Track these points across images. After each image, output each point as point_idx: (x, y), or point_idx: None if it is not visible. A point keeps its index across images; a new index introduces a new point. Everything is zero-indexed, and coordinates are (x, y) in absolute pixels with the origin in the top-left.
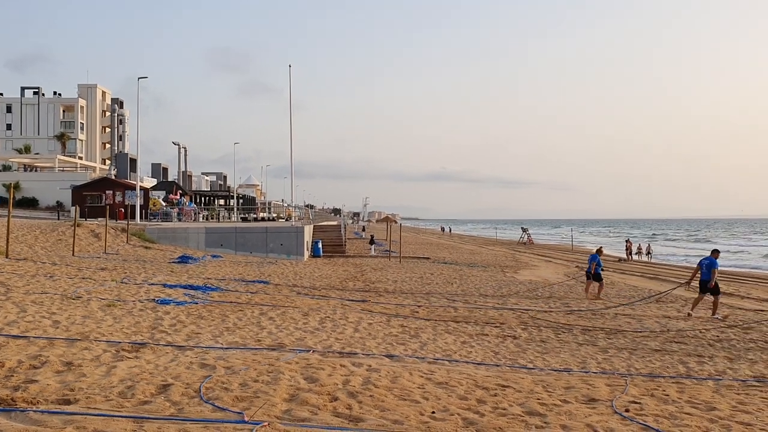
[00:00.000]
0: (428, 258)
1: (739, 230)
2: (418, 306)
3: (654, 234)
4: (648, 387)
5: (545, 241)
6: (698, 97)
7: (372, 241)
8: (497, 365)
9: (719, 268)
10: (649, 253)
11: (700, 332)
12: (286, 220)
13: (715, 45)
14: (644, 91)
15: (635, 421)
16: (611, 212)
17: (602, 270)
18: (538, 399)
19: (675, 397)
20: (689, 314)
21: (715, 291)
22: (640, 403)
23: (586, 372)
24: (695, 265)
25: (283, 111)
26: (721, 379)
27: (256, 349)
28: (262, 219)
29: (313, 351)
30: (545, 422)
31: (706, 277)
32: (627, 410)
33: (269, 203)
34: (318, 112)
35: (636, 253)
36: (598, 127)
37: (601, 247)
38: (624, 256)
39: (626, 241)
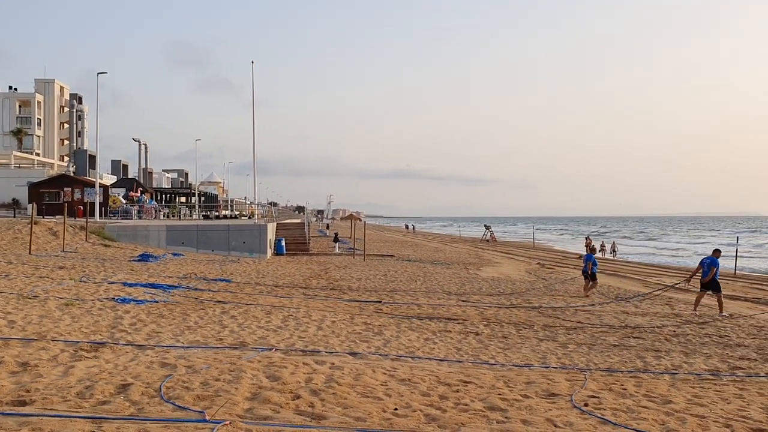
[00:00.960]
0: (392, 256)
1: (691, 227)
2: (382, 303)
3: (604, 230)
4: (606, 381)
5: (507, 238)
6: (657, 100)
7: (336, 239)
8: (460, 361)
9: (716, 268)
10: (614, 251)
11: (657, 328)
12: (249, 217)
13: (670, 48)
14: (601, 94)
15: (594, 415)
16: (571, 210)
17: (597, 269)
18: (500, 394)
19: (632, 391)
20: (695, 313)
21: (716, 289)
22: (598, 397)
23: (547, 367)
24: (694, 265)
25: (244, 107)
26: (677, 373)
27: (217, 347)
28: (225, 217)
29: (276, 349)
30: (506, 417)
31: (707, 275)
32: (586, 404)
33: (232, 201)
34: (281, 108)
35: (600, 251)
36: (558, 127)
37: (594, 247)
38: (584, 253)
39: (586, 238)
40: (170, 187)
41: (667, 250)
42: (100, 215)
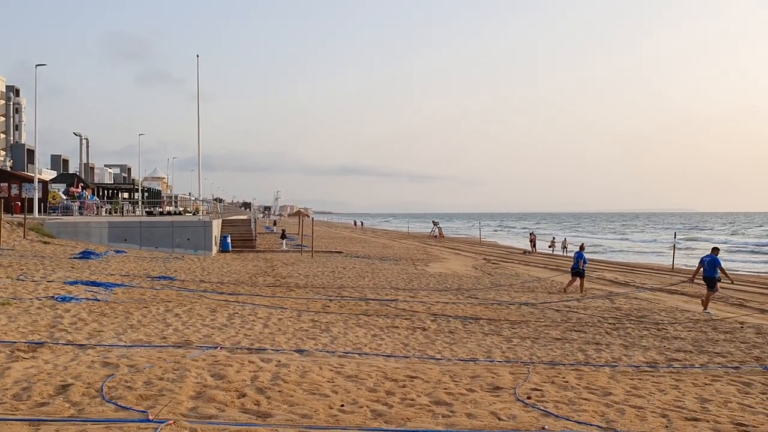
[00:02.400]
0: (341, 252)
1: (637, 223)
2: (330, 300)
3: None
4: (549, 374)
5: (454, 234)
6: (593, 101)
7: (283, 236)
8: (406, 357)
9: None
10: (565, 247)
11: (599, 321)
12: (194, 214)
13: (616, 49)
14: (551, 93)
15: (536, 408)
16: (519, 207)
17: (587, 265)
18: (445, 389)
19: (574, 383)
20: (706, 311)
21: (711, 286)
22: (541, 390)
23: (491, 361)
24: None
25: (187, 101)
26: (616, 366)
27: (161, 346)
28: (169, 213)
29: (221, 347)
30: (451, 411)
31: (709, 273)
32: (529, 397)
33: (176, 197)
34: (226, 102)
35: (550, 246)
36: (507, 125)
37: (582, 244)
38: (529, 248)
39: (530, 233)
40: (113, 182)
41: (606, 245)
42: (39, 212)
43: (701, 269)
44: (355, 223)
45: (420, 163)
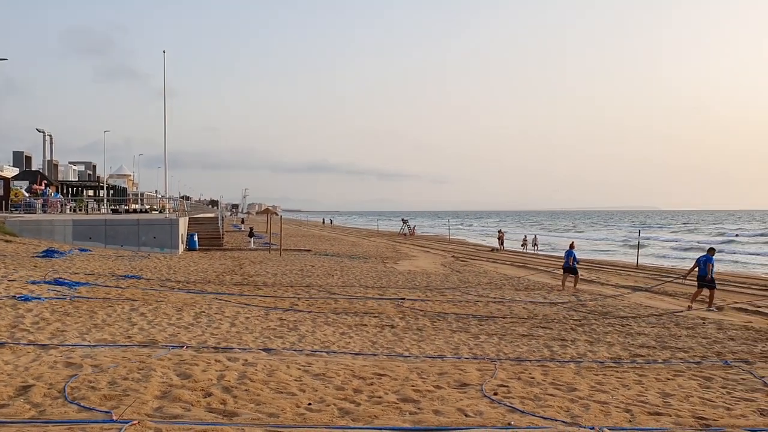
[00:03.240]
0: (309, 250)
1: (601, 221)
2: (298, 298)
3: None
4: (515, 370)
5: (424, 232)
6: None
7: (251, 234)
8: (375, 354)
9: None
10: (535, 244)
11: (564, 318)
12: (160, 212)
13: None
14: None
15: (503, 404)
16: (488, 204)
17: (578, 263)
18: (413, 386)
19: (540, 379)
20: (690, 306)
21: (711, 285)
22: (507, 386)
23: (459, 358)
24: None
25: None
26: (581, 362)
27: (126, 346)
28: (135, 211)
29: (187, 347)
30: (419, 408)
31: (703, 272)
32: (495, 393)
33: (142, 194)
34: (193, 99)
35: (522, 245)
36: (476, 124)
37: (573, 242)
38: (497, 246)
39: (498, 231)
40: (77, 180)
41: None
42: (1, 209)
43: (696, 268)
44: (324, 221)
45: (389, 161)
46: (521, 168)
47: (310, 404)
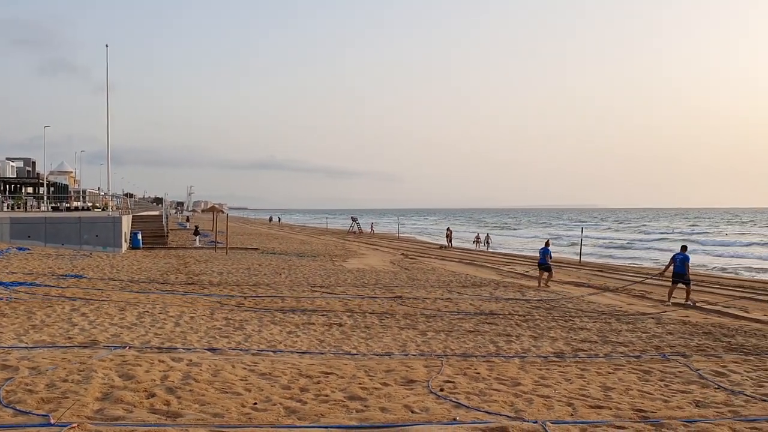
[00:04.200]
0: (256, 249)
1: (539, 218)
2: (244, 297)
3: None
4: (461, 366)
5: (374, 229)
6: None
7: (196, 232)
8: (322, 353)
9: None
10: (487, 242)
11: (510, 313)
12: (103, 209)
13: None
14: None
15: (449, 400)
16: (438, 202)
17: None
18: (360, 384)
19: (485, 374)
20: (666, 303)
21: (687, 281)
22: (453, 382)
23: (406, 355)
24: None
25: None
26: (526, 356)
27: (66, 347)
28: (76, 208)
29: (130, 347)
30: (365, 406)
31: (680, 270)
32: (442, 389)
33: (84, 191)
34: (135, 94)
35: (474, 243)
36: (425, 121)
37: (548, 240)
38: (445, 243)
39: (447, 229)
40: (15, 176)
41: (521, 239)
42: None
43: (672, 265)
44: (271, 219)
45: (338, 158)
46: (468, 168)
47: (255, 404)
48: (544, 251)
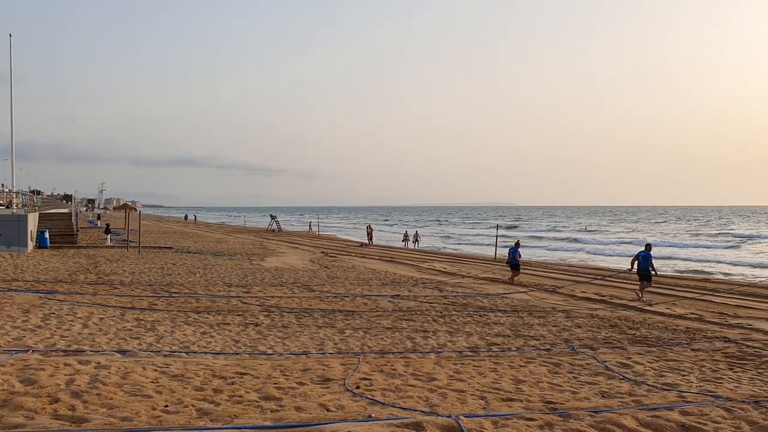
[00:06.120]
0: (171, 248)
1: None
2: (157, 297)
3: (386, 219)
4: (378, 363)
5: (292, 228)
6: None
7: (108, 230)
8: (237, 353)
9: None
10: (416, 240)
11: (427, 310)
12: (7, 206)
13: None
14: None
15: (364, 397)
16: (359, 200)
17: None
18: (275, 383)
19: (401, 371)
20: (640, 300)
21: (648, 278)
22: (370, 379)
23: (323, 353)
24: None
25: None
26: (441, 352)
27: None
28: None
29: (33, 351)
30: (280, 406)
31: (643, 266)
32: (358, 387)
33: None
34: (42, 87)
35: (403, 240)
36: (348, 120)
37: (518, 240)
38: (366, 241)
39: (367, 227)
40: None
41: (448, 238)
42: None
43: (636, 262)
44: (187, 217)
45: (258, 155)
46: (392, 166)
47: (167, 406)
48: (514, 250)
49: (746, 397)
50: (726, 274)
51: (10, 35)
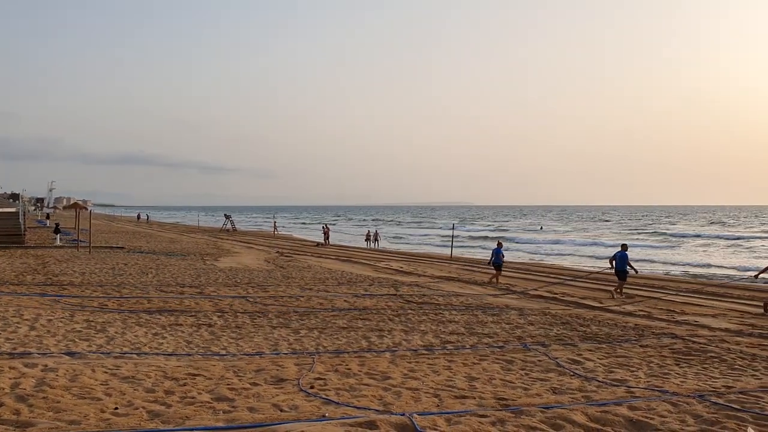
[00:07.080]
0: (122, 248)
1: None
2: (108, 298)
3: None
4: (333, 363)
5: (247, 227)
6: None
7: (57, 230)
8: (189, 354)
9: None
10: (376, 240)
11: (383, 309)
12: None
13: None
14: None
15: (319, 397)
16: (315, 199)
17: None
18: (228, 384)
19: (356, 370)
20: (620, 298)
21: (623, 277)
22: (324, 378)
23: (277, 354)
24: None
25: None
26: (396, 351)
27: None
28: None
29: None
30: (233, 407)
31: (620, 266)
32: (312, 387)
33: None
34: None
35: (366, 240)
36: (303, 118)
37: (499, 241)
38: (322, 240)
39: (324, 226)
40: None
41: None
42: None
43: (614, 262)
44: (140, 217)
45: (211, 154)
46: (344, 166)
47: (116, 408)
48: (497, 251)
49: (691, 391)
50: (667, 273)
51: None
